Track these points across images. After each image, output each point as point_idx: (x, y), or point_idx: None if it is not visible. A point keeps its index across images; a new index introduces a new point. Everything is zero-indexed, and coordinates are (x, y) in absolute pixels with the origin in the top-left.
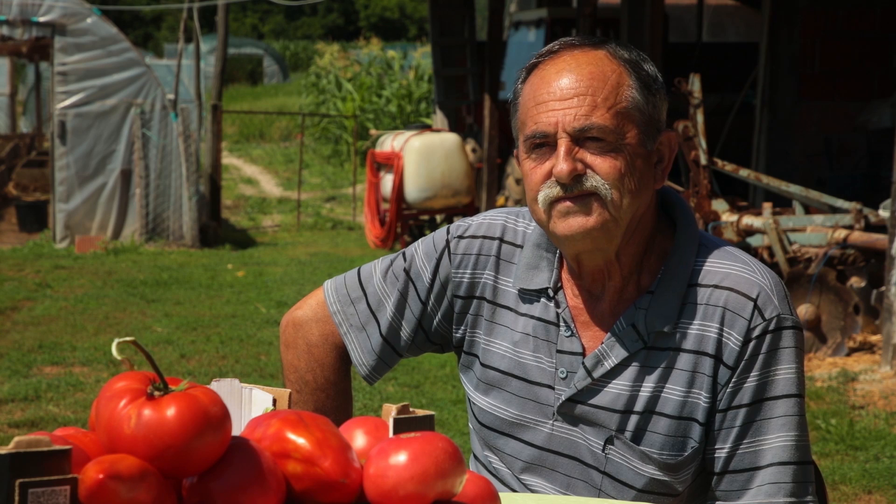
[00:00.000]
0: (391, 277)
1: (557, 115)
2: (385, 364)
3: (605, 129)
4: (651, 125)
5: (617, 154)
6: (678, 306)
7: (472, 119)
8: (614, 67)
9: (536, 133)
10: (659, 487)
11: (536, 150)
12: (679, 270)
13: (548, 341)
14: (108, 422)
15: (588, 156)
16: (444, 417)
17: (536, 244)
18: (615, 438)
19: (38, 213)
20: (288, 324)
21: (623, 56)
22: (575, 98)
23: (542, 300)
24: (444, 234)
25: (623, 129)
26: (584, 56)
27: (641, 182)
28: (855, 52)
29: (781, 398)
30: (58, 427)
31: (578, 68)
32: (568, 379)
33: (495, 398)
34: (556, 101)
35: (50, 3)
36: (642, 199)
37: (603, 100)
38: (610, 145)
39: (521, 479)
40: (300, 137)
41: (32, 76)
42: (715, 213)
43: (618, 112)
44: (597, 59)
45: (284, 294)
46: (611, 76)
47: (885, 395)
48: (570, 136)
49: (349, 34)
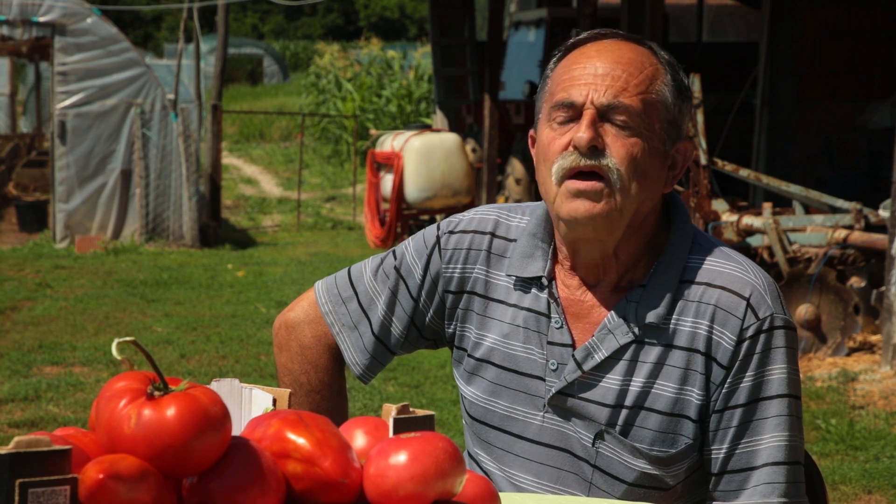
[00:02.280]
0: (382, 275)
1: (589, 87)
2: (378, 363)
3: (632, 110)
4: (673, 127)
5: (636, 140)
6: (670, 301)
7: (472, 119)
8: (653, 62)
9: (565, 100)
10: (650, 481)
11: (559, 120)
12: (672, 266)
13: (539, 332)
14: (108, 422)
15: (609, 134)
16: (444, 417)
17: (532, 233)
18: (605, 433)
19: (38, 213)
20: (280, 326)
21: (663, 56)
22: (609, 76)
23: (534, 291)
24: (435, 231)
25: (648, 117)
26: (627, 45)
27: (652, 176)
28: (855, 52)
29: (775, 398)
30: (58, 427)
31: (619, 52)
32: (559, 371)
33: (485, 391)
34: (590, 76)
35: (50, 3)
36: (648, 196)
37: (636, 84)
38: (632, 130)
39: (512, 473)
40: (300, 137)
41: (32, 76)
42: (715, 213)
43: (646, 100)
44: (638, 51)
45: (284, 294)
46: (648, 67)
47: (885, 395)
48: (596, 109)
49: (349, 34)
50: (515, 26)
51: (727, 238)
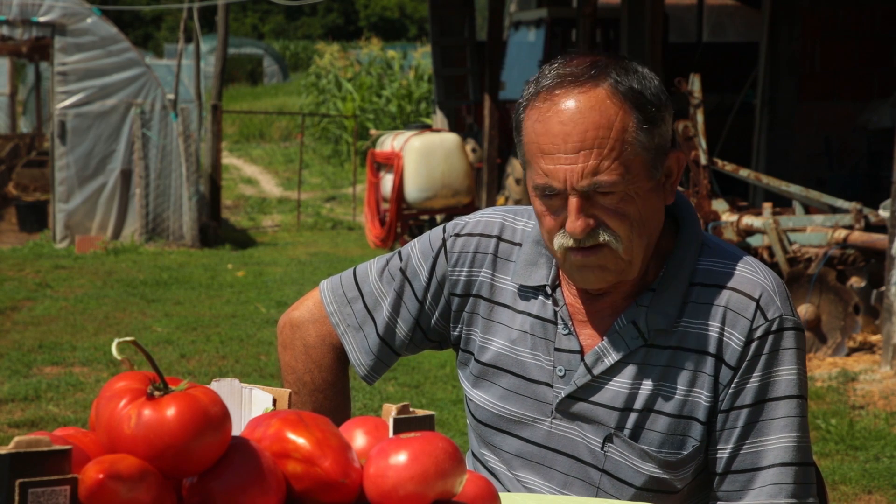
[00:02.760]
0: (387, 277)
1: (565, 171)
2: (383, 364)
3: (614, 183)
4: (658, 154)
5: (627, 206)
6: (679, 304)
7: (472, 119)
8: (616, 110)
9: (546, 187)
10: (658, 485)
11: (545, 196)
12: (681, 269)
13: (546, 339)
14: (108, 422)
15: (600, 209)
16: (444, 417)
17: (536, 241)
18: (614, 436)
19: (38, 213)
20: (285, 325)
21: (623, 90)
22: (581, 153)
23: (540, 298)
24: (441, 233)
25: (632, 177)
26: (585, 99)
27: (651, 215)
28: (855, 52)
29: (783, 399)
30: (58, 427)
31: (581, 116)
32: (566, 377)
33: (493, 395)
34: (561, 155)
35: (50, 3)
36: (654, 227)
37: (609, 151)
38: (619, 194)
39: (518, 477)
40: (300, 137)
41: (32, 76)
42: (715, 213)
43: (624, 161)
44: (598, 103)
45: (284, 294)
46: (614, 122)
47: (885, 395)
48: (579, 193)
49: (349, 34)
50: (515, 26)
51: (727, 238)
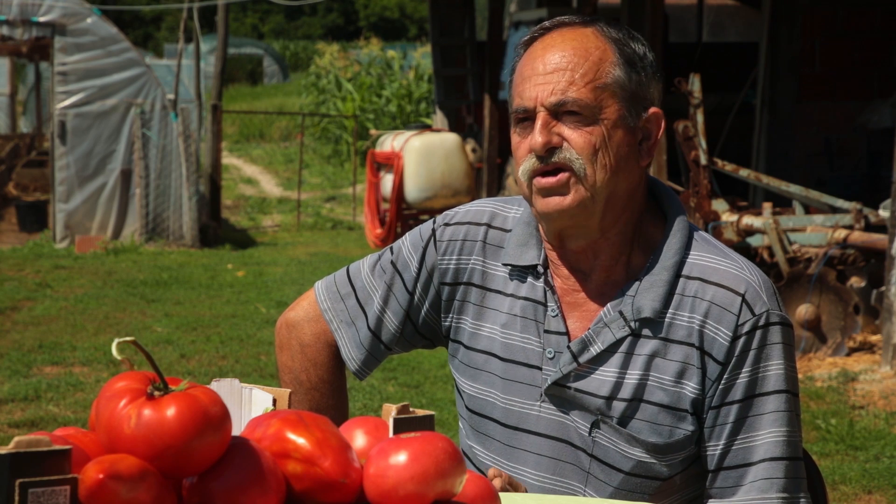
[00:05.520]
0: (379, 271)
1: (538, 89)
2: (374, 359)
3: (581, 103)
4: (635, 101)
5: (593, 128)
6: (665, 295)
7: (472, 119)
8: (598, 44)
9: (518, 108)
10: (646, 470)
11: (521, 125)
12: (667, 260)
13: (535, 321)
14: (108, 422)
15: (565, 129)
16: (444, 417)
17: (527, 222)
18: (601, 422)
19: (38, 213)
20: (282, 325)
21: (610, 34)
22: (555, 73)
23: (530, 279)
24: (431, 224)
25: (601, 103)
26: (572, 33)
27: (621, 158)
28: (855, 52)
29: (772, 394)
30: (58, 427)
31: (563, 44)
32: (556, 359)
33: (483, 382)
34: (538, 76)
35: (50, 3)
36: (623, 176)
37: (582, 75)
38: (586, 119)
39: (510, 465)
40: (300, 137)
41: (32, 76)
42: (715, 213)
43: (596, 87)
44: (583, 36)
45: (284, 294)
46: (594, 52)
47: (885, 395)
48: (547, 110)
49: (349, 34)
50: (515, 26)
51: (727, 238)
